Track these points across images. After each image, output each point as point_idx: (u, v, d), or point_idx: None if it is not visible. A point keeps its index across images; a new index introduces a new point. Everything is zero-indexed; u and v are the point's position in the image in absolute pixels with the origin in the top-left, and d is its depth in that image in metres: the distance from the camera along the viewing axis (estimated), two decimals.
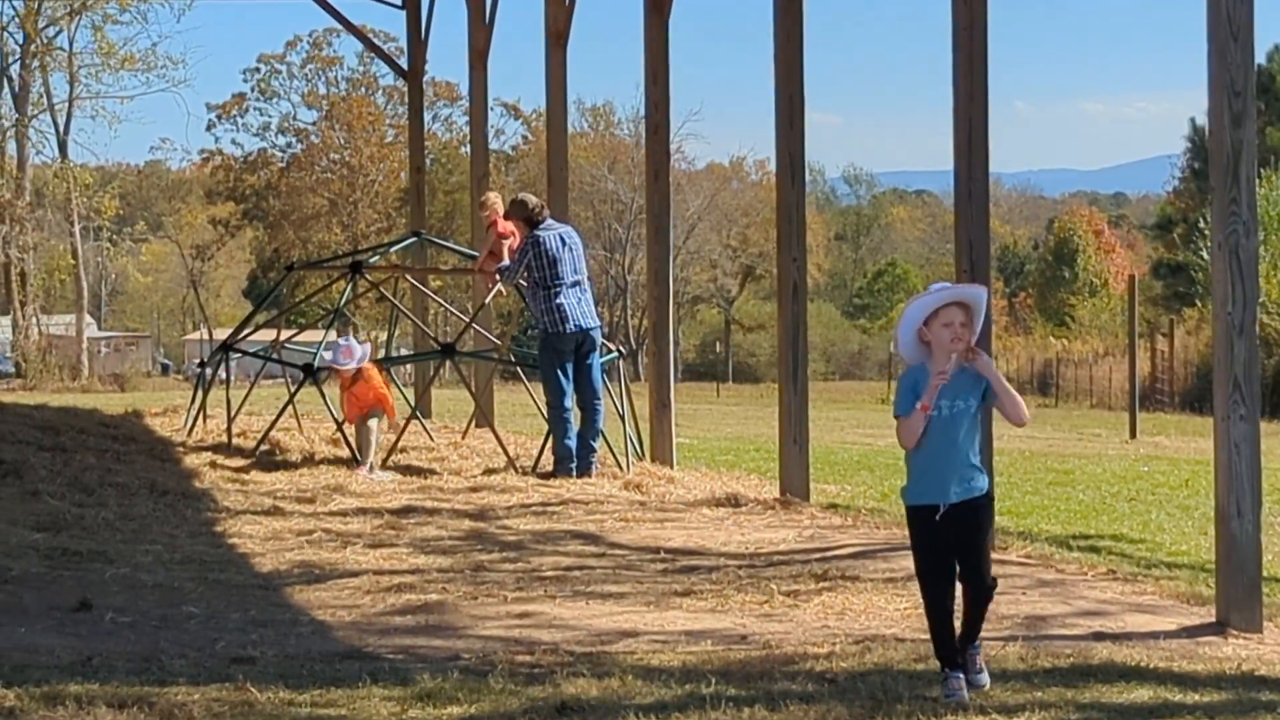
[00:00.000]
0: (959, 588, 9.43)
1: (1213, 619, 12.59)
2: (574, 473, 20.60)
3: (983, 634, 12.20)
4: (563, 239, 21.33)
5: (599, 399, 21.24)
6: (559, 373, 20.94)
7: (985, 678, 9.41)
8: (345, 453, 21.64)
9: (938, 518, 8.92)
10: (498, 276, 22.52)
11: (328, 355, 22.11)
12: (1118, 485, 22.65)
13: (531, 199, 21.94)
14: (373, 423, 20.74)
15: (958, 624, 9.48)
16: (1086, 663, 11.09)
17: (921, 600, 9.32)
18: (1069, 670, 10.95)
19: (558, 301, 20.94)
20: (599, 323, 22.06)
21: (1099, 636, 12.11)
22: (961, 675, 9.17)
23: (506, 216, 21.98)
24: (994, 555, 15.86)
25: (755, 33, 22.60)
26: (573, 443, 20.87)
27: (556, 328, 20.93)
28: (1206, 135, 13.53)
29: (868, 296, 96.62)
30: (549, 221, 21.39)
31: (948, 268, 65.65)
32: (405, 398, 26.49)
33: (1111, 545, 16.87)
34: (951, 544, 9.02)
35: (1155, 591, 14.02)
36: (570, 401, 20.98)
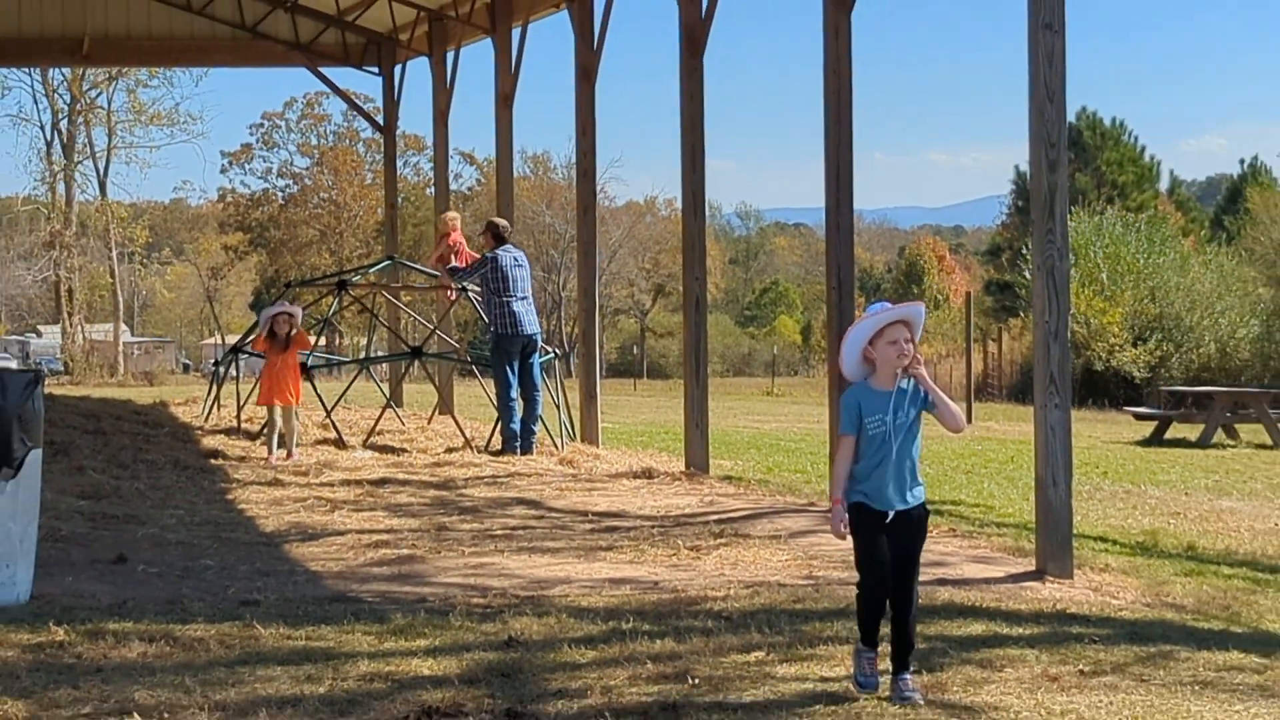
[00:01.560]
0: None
1: (1033, 568, 12.72)
2: (518, 451, 20.58)
3: (844, 579, 12.22)
4: (516, 259, 21.35)
5: (538, 391, 21.20)
6: (507, 369, 20.92)
7: (917, 696, 8.04)
8: (333, 435, 21.54)
9: (886, 522, 7.95)
10: (449, 276, 22.44)
11: (272, 310, 20.56)
12: (957, 460, 22.73)
13: (503, 223, 21.92)
14: (284, 414, 19.68)
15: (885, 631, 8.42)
16: (932, 603, 11.10)
17: (860, 591, 8.22)
18: (919, 609, 11.00)
19: (511, 309, 20.94)
20: (540, 330, 22.08)
21: (942, 582, 12.16)
22: (875, 654, 8.19)
23: (484, 232, 21.88)
24: None
25: (665, 95, 22.57)
26: (517, 426, 20.85)
27: (507, 331, 20.90)
28: (1028, 179, 13.57)
29: (755, 309, 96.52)
30: (508, 245, 21.41)
31: (820, 286, 65.59)
32: (381, 390, 26.47)
33: (952, 509, 16.94)
34: (892, 548, 8.01)
35: (987, 546, 14.12)
36: (515, 393, 20.94)
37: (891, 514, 7.93)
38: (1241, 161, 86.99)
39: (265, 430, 19.93)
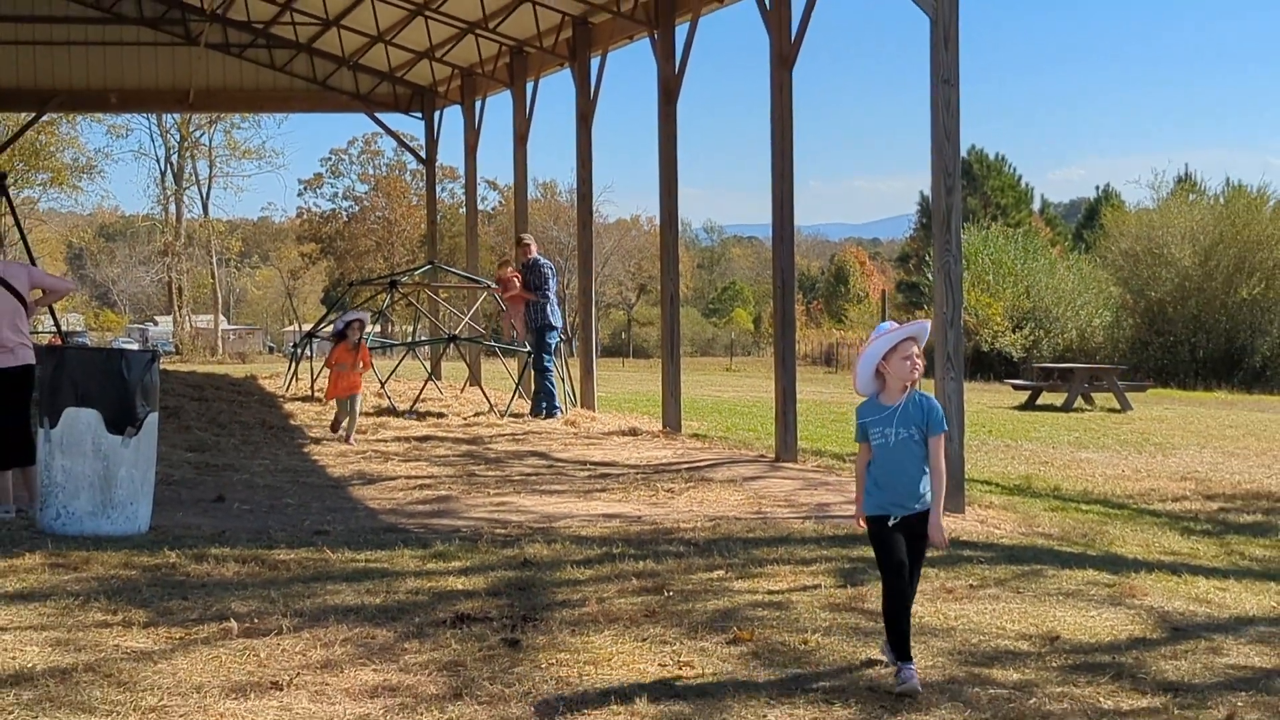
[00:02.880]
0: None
1: None
2: (558, 414, 20.67)
3: (787, 514, 12.27)
4: (552, 266, 21.55)
5: (551, 369, 21.25)
6: (553, 352, 21.10)
7: (916, 683, 6.79)
8: (386, 402, 21.53)
9: (890, 524, 7.01)
10: (535, 295, 21.32)
11: (347, 317, 18.28)
12: None
13: (532, 239, 21.95)
14: (350, 404, 17.65)
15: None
16: (853, 532, 11.11)
17: (884, 593, 7.10)
18: (843, 537, 11.01)
19: (554, 306, 21.17)
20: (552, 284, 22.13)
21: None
22: (913, 667, 6.90)
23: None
24: (795, 467, 15.97)
25: (648, 133, 22.54)
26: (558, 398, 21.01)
27: (550, 323, 20.94)
28: (930, 201, 13.57)
29: (717, 304, 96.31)
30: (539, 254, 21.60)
31: (767, 285, 65.58)
32: (424, 367, 26.41)
33: None
34: (902, 546, 7.03)
35: None
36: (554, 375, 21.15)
37: (895, 518, 7.02)
38: (1097, 188, 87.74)
39: (338, 418, 18.22)
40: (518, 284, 21.07)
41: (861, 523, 7.19)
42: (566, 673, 7.15)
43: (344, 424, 17.59)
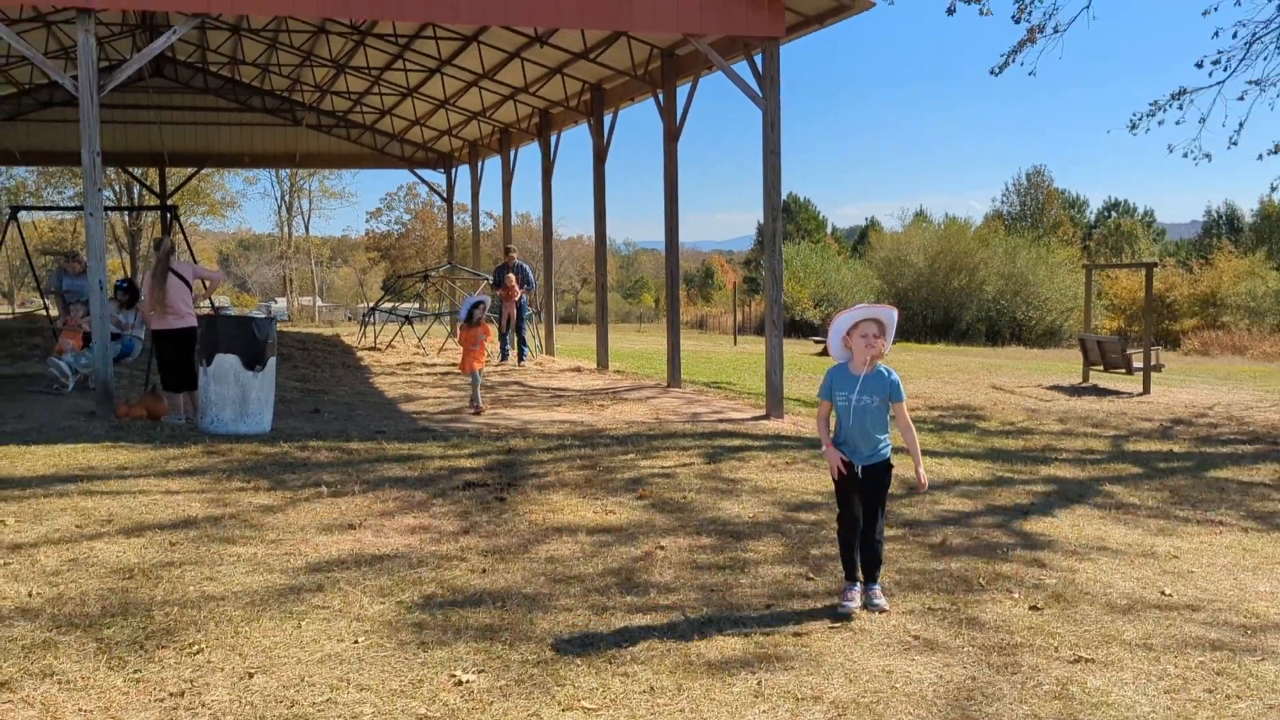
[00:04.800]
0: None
1: (764, 413, 12.75)
2: (521, 360, 20.53)
3: (673, 420, 12.26)
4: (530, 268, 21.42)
5: (525, 330, 21.09)
6: (528, 320, 20.91)
7: (884, 603, 5.37)
8: (422, 353, 21.21)
9: (857, 473, 5.38)
10: (524, 289, 20.21)
11: (469, 301, 13.55)
12: (730, 361, 22.81)
13: (515, 248, 21.56)
14: (475, 378, 13.17)
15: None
16: (714, 430, 11.14)
17: (838, 527, 5.51)
18: (708, 433, 11.05)
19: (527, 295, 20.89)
20: (527, 300, 21.87)
21: (721, 419, 12.22)
22: (857, 586, 5.44)
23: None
24: (678, 391, 15.93)
25: (586, 182, 22.35)
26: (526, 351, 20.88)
27: (529, 304, 20.75)
28: (763, 227, 13.57)
29: (631, 290, 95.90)
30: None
31: (663, 279, 65.83)
32: (446, 329, 26.16)
33: (728, 386, 16.99)
34: (860, 492, 5.41)
35: (744, 403, 14.19)
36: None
37: (859, 466, 5.38)
38: (866, 219, 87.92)
39: (471, 389, 13.38)
40: (514, 284, 20.73)
41: (839, 463, 5.41)
42: (535, 517, 7.15)
43: (476, 394, 13.07)
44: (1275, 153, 13.97)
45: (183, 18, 12.11)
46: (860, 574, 5.48)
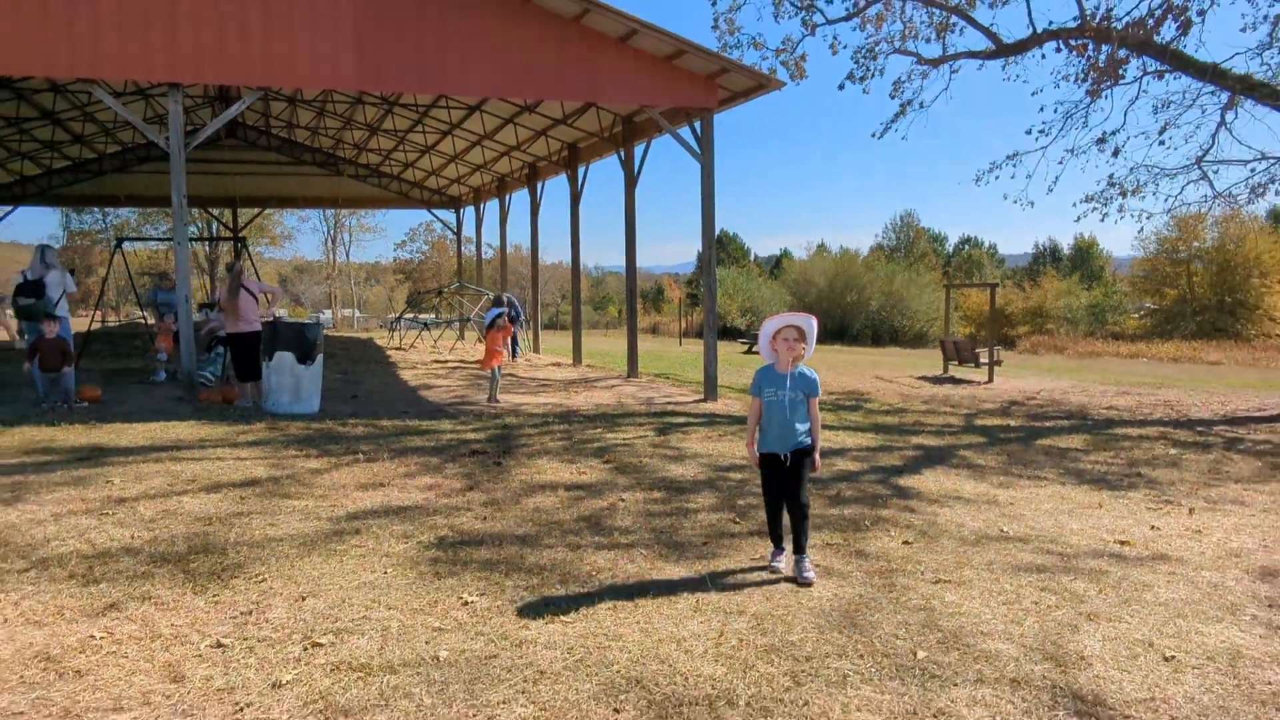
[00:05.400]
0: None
1: (703, 397, 12.72)
2: (514, 357, 20.34)
3: (632, 403, 12.22)
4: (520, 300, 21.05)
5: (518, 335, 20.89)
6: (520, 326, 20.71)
7: (811, 576, 4.76)
8: (437, 352, 21.01)
9: (782, 460, 4.85)
10: (514, 325, 19.33)
11: (494, 311, 13.81)
12: (677, 358, 22.77)
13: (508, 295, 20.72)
14: (494, 372, 12.70)
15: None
16: (664, 409, 11.13)
17: (764, 505, 5.02)
18: (659, 412, 11.02)
19: (520, 310, 20.53)
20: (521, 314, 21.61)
21: (669, 401, 12.20)
22: (783, 553, 4.97)
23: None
24: (636, 380, 15.88)
25: (565, 219, 22.17)
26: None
27: (522, 314, 20.50)
28: (701, 254, 13.60)
29: (599, 304, 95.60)
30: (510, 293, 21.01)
31: (623, 294, 65.86)
32: (455, 333, 25.92)
33: (676, 376, 16.96)
34: (782, 477, 4.86)
35: (687, 389, 14.15)
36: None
37: (784, 456, 4.84)
38: (781, 249, 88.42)
39: (490, 384, 13.10)
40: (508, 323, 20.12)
41: (755, 461, 5.00)
42: (525, 477, 7.12)
43: (493, 388, 12.47)
44: (1086, 201, 14.26)
45: (250, 90, 11.95)
46: (789, 544, 5.02)
